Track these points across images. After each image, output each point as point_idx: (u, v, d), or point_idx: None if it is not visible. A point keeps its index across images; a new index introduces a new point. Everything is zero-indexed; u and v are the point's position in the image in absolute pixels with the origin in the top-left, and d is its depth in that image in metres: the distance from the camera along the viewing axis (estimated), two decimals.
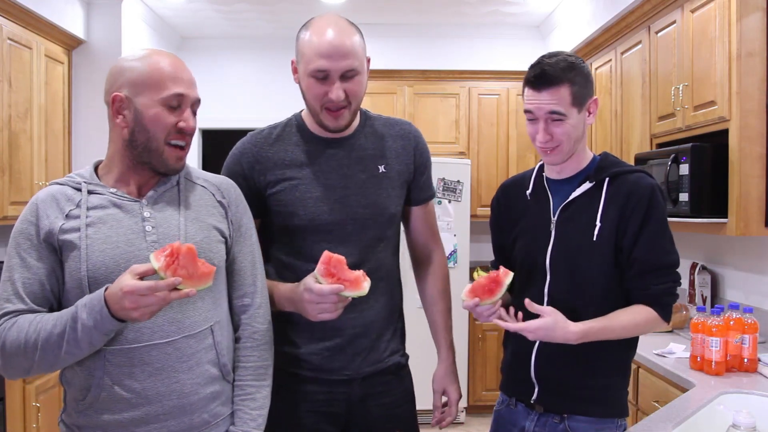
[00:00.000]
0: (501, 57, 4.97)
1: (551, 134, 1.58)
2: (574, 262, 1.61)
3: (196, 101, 1.44)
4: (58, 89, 3.87)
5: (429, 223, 1.86)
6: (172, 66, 1.40)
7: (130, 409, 1.33)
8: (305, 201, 1.64)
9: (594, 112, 1.64)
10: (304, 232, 1.66)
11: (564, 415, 1.63)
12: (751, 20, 2.45)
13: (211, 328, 1.42)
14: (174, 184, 1.45)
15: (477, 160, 4.89)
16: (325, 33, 1.58)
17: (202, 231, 1.42)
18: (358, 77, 1.60)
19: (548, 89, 1.55)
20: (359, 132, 1.73)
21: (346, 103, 1.59)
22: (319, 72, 1.57)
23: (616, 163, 1.66)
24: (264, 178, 1.67)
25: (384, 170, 1.71)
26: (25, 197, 3.46)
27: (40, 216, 1.36)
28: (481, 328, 4.62)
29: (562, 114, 1.56)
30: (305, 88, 1.63)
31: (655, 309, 1.58)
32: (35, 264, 1.34)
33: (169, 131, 1.38)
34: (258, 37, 5.23)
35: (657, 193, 1.60)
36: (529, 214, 1.71)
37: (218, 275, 1.44)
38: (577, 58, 1.61)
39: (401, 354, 1.81)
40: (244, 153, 1.69)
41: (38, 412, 2.98)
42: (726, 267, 3.08)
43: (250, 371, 1.48)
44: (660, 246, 1.59)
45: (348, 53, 1.56)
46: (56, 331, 1.25)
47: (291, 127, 1.73)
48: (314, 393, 1.69)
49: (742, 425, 1.40)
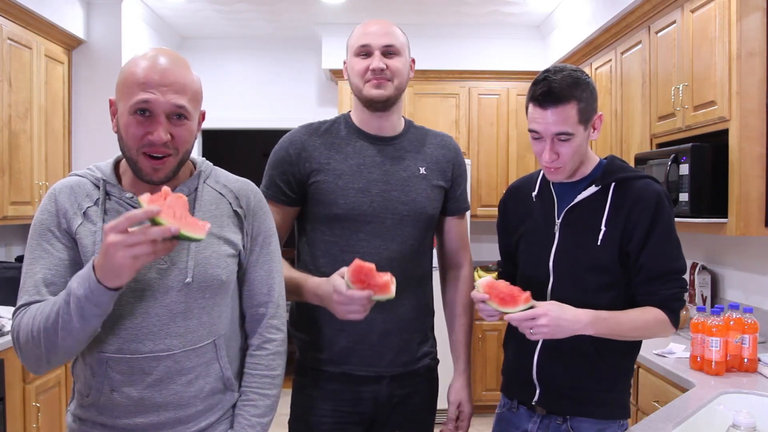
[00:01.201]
0: (501, 57, 4.97)
1: (557, 153, 1.56)
2: (578, 265, 1.61)
3: (174, 108, 1.29)
4: (58, 89, 3.87)
5: (461, 234, 1.91)
6: (147, 69, 1.28)
7: (127, 415, 1.33)
8: (347, 191, 1.68)
9: (598, 128, 1.62)
10: (344, 221, 1.69)
11: (566, 416, 1.63)
12: (751, 20, 2.45)
13: (215, 342, 1.39)
14: (192, 191, 1.40)
15: (477, 160, 4.89)
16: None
17: (211, 245, 1.37)
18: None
19: (555, 108, 1.51)
20: (403, 135, 1.79)
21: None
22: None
23: (623, 168, 1.65)
24: (309, 165, 1.72)
25: (424, 172, 1.77)
26: (25, 197, 3.46)
27: (60, 207, 1.33)
28: (481, 328, 4.62)
29: (569, 134, 1.54)
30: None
31: (665, 312, 1.57)
32: (57, 255, 1.31)
33: (138, 142, 1.29)
34: (258, 37, 5.22)
35: (664, 199, 1.60)
36: (534, 216, 1.71)
37: (227, 288, 1.41)
38: (582, 72, 1.58)
39: (432, 357, 1.83)
40: (293, 141, 1.75)
41: (38, 412, 2.98)
42: (726, 267, 3.08)
43: (256, 379, 1.45)
44: (667, 252, 1.58)
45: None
46: (54, 309, 1.22)
47: (339, 123, 1.80)
48: (340, 392, 1.70)
49: (742, 425, 1.40)
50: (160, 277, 1.32)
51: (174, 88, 1.29)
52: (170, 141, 1.30)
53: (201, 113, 1.41)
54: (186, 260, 1.34)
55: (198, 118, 1.39)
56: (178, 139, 1.31)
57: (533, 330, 1.49)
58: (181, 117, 1.31)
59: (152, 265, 1.31)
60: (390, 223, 1.70)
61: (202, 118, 1.42)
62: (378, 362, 1.70)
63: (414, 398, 1.76)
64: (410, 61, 1.78)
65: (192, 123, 1.34)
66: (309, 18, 4.69)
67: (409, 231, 1.73)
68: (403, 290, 1.64)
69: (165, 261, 1.32)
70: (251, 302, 1.47)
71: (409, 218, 1.73)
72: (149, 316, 1.31)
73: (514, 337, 1.71)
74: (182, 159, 1.35)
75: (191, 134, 1.35)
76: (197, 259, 1.34)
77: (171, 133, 1.30)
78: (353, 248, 1.65)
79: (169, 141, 1.30)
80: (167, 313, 1.32)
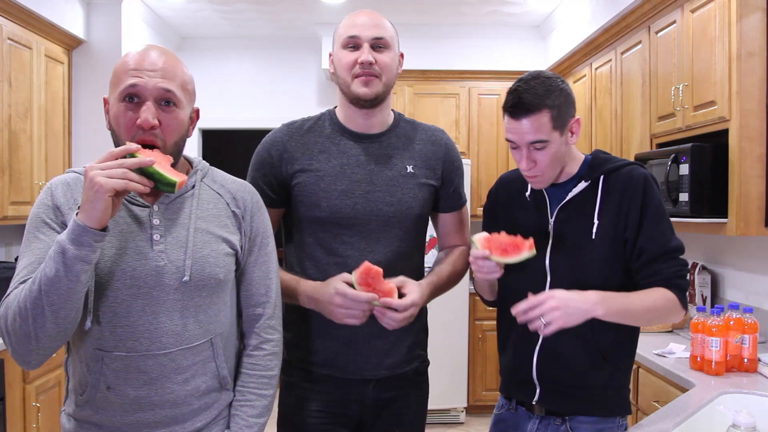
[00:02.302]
0: (501, 57, 4.97)
1: (534, 161, 1.58)
2: (574, 261, 1.61)
3: (162, 92, 1.30)
4: (58, 89, 3.88)
5: (458, 229, 1.85)
6: (136, 57, 1.30)
7: (122, 413, 1.32)
8: (329, 193, 1.64)
9: (577, 132, 1.62)
10: (326, 224, 1.65)
11: (565, 417, 1.63)
12: (751, 20, 2.45)
13: (211, 341, 1.39)
14: (190, 188, 1.40)
15: (477, 160, 4.89)
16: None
17: (209, 244, 1.38)
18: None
19: (527, 117, 1.53)
20: (391, 131, 1.73)
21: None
22: None
23: (609, 160, 1.66)
24: (291, 166, 1.68)
25: (412, 170, 1.71)
26: (25, 197, 3.46)
27: (55, 201, 1.34)
28: (481, 328, 4.62)
29: (544, 141, 1.55)
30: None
31: (672, 291, 1.56)
32: (50, 243, 1.29)
33: (129, 131, 1.29)
34: (258, 37, 5.23)
35: (650, 181, 1.62)
36: (527, 216, 1.71)
37: (225, 287, 1.42)
38: (556, 77, 1.59)
39: (421, 360, 1.80)
40: (274, 142, 1.71)
41: (38, 412, 2.98)
42: (726, 267, 3.08)
43: (253, 379, 1.45)
44: (663, 232, 1.59)
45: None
46: (39, 269, 1.21)
47: (324, 120, 1.74)
48: (327, 393, 1.68)
49: (742, 425, 1.40)
50: (157, 275, 1.32)
51: (162, 74, 1.31)
52: (158, 129, 1.30)
53: (195, 110, 1.41)
54: (183, 258, 1.34)
55: (190, 113, 1.39)
56: (165, 128, 1.32)
57: (545, 317, 1.45)
58: (170, 103, 1.32)
59: (150, 263, 1.31)
60: (375, 225, 1.66)
61: (196, 116, 1.42)
62: (364, 366, 1.67)
63: (402, 401, 1.73)
64: (399, 55, 1.72)
65: (181, 112, 1.35)
66: (309, 18, 4.69)
67: (396, 233, 1.68)
68: None
69: (162, 258, 1.33)
70: (249, 302, 1.47)
71: (395, 220, 1.67)
72: (146, 313, 1.31)
73: (512, 337, 1.72)
74: (172, 152, 1.34)
75: (180, 124, 1.35)
76: (195, 258, 1.34)
77: (159, 120, 1.30)
78: (337, 251, 1.60)
79: (157, 128, 1.30)
80: (164, 311, 1.32)
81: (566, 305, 1.46)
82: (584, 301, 1.48)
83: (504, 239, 1.54)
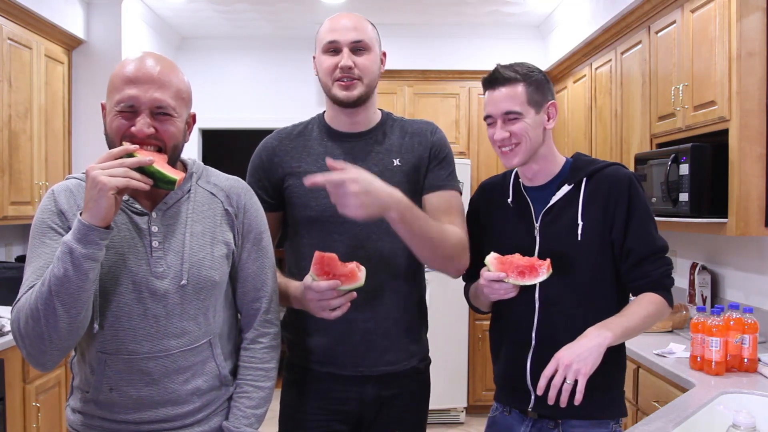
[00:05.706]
0: (501, 57, 4.86)
1: (509, 131, 1.60)
2: (561, 264, 1.61)
3: (156, 103, 1.32)
4: (58, 89, 3.88)
5: (446, 210, 1.72)
6: (131, 68, 1.33)
7: (126, 412, 1.37)
8: (318, 193, 1.65)
9: (554, 117, 1.66)
10: (317, 223, 1.68)
11: (558, 420, 1.64)
12: (751, 20, 2.45)
13: (210, 342, 1.43)
14: (185, 192, 1.44)
15: (477, 160, 4.89)
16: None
17: (205, 247, 1.41)
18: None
19: (503, 87, 1.60)
20: (377, 129, 1.75)
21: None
22: None
23: (590, 162, 1.68)
24: (282, 169, 1.72)
25: (399, 164, 1.72)
26: (25, 197, 3.46)
27: (59, 206, 1.36)
28: (481, 328, 4.62)
29: (518, 113, 1.59)
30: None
31: (660, 294, 1.61)
32: (57, 247, 1.30)
33: (125, 140, 1.32)
34: (258, 37, 5.22)
35: (635, 181, 1.64)
36: (512, 222, 1.71)
37: (221, 288, 1.45)
38: (535, 67, 1.66)
39: (421, 358, 1.80)
40: (266, 148, 1.77)
41: (38, 412, 2.98)
42: (726, 267, 3.08)
43: (250, 372, 1.49)
44: (649, 233, 1.62)
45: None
46: (48, 271, 1.23)
47: (312, 124, 1.79)
48: (327, 390, 1.70)
49: (742, 425, 1.40)
50: (156, 280, 1.35)
51: (157, 85, 1.33)
52: (155, 134, 1.33)
53: (191, 115, 1.44)
54: (181, 263, 1.37)
55: (187, 119, 1.42)
56: (163, 132, 1.34)
57: (568, 377, 1.46)
58: (165, 114, 1.34)
59: (149, 269, 1.35)
60: (363, 222, 1.62)
61: (192, 121, 1.45)
62: (361, 363, 1.68)
63: (402, 399, 1.74)
64: (381, 54, 1.74)
65: (177, 120, 1.37)
66: (309, 18, 4.69)
67: (386, 227, 1.64)
68: (384, 288, 1.64)
69: (161, 264, 1.36)
70: (245, 298, 1.51)
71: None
72: (147, 317, 1.35)
73: (504, 345, 1.73)
74: (170, 156, 1.36)
75: (176, 132, 1.37)
76: (191, 262, 1.38)
77: (155, 127, 1.33)
78: (329, 249, 1.58)
79: (154, 134, 1.32)
80: (164, 314, 1.36)
81: (577, 355, 1.47)
82: (589, 339, 1.50)
83: (519, 261, 1.55)
